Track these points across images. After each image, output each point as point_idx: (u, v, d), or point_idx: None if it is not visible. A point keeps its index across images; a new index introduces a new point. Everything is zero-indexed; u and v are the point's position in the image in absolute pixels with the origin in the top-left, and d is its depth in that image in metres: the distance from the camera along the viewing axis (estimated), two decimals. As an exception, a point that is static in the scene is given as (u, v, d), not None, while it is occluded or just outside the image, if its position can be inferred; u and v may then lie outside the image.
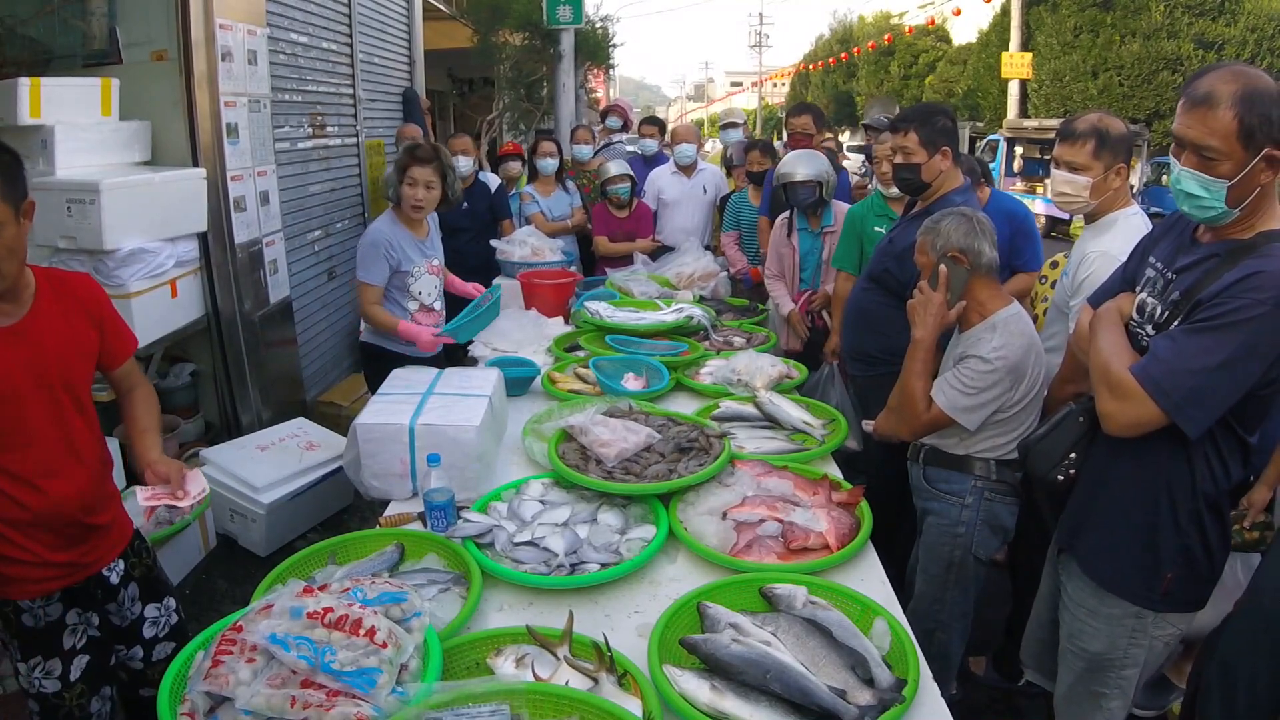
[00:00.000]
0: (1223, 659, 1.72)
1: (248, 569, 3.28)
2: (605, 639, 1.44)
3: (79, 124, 3.19)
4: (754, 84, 48.79)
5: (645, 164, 5.41)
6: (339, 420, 4.34)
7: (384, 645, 1.27)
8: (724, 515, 1.96)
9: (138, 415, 1.96)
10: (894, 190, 3.04)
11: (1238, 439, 1.62)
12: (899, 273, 2.64)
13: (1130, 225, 2.23)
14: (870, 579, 1.83)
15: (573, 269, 4.57)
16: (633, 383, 2.83)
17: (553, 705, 1.31)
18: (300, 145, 4.76)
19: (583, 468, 2.12)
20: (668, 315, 3.40)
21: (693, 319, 3.37)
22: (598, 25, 9.88)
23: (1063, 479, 1.83)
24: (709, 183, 5.05)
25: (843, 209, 3.65)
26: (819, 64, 30.77)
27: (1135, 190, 11.72)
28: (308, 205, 4.85)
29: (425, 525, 1.92)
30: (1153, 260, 1.73)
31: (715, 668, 1.43)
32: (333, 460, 3.50)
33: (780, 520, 1.93)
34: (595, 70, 11.90)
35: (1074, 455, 1.82)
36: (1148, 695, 2.48)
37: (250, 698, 1.20)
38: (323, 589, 1.38)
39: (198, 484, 1.85)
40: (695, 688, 1.37)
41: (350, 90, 5.48)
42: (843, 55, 27.63)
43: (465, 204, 3.63)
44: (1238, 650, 1.69)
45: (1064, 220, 12.52)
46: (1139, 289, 1.74)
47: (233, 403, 3.96)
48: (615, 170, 4.74)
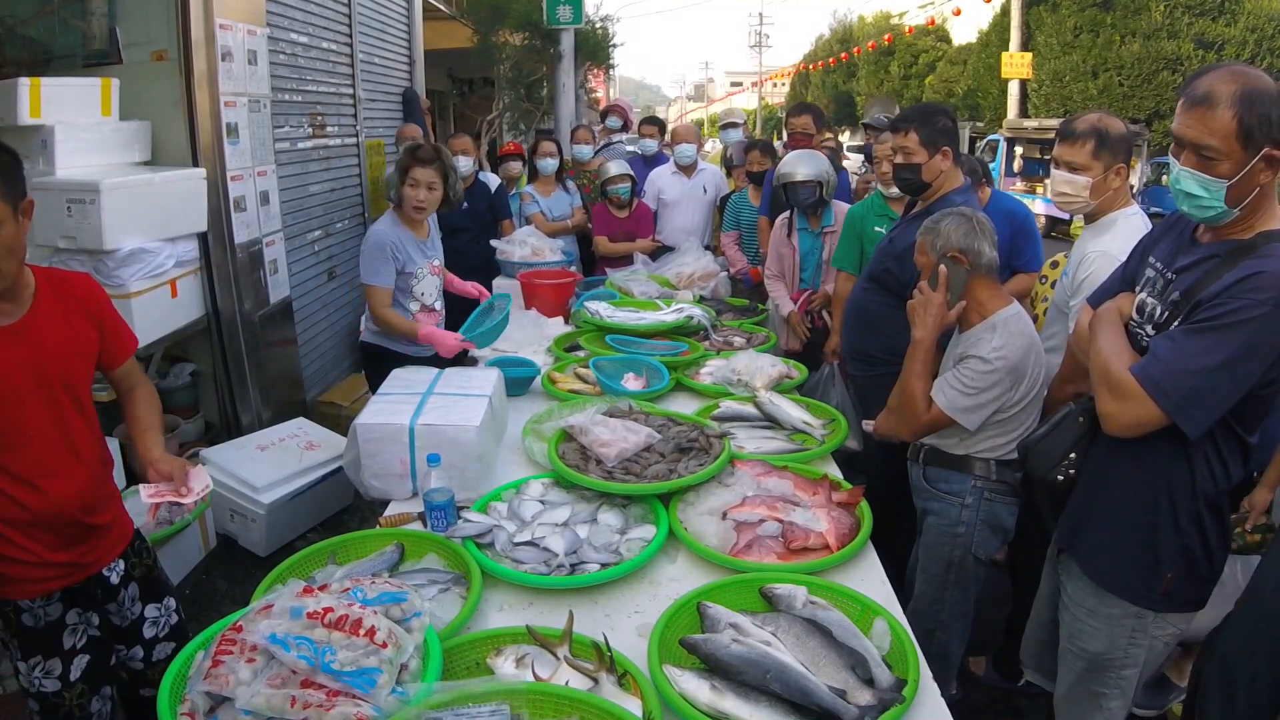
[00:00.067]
0: (1222, 658, 1.72)
1: (248, 569, 3.28)
2: (605, 639, 1.44)
3: (79, 124, 3.19)
4: (754, 84, 48.78)
5: (645, 164, 5.40)
6: (339, 420, 4.34)
7: (384, 645, 1.27)
8: (724, 515, 1.96)
9: (139, 414, 1.96)
10: (894, 190, 3.04)
11: (1238, 439, 1.62)
12: (899, 273, 2.64)
13: (1130, 225, 2.24)
14: (870, 579, 1.83)
15: (573, 269, 4.57)
16: (633, 383, 2.83)
17: (553, 705, 1.31)
18: (300, 145, 4.76)
19: (583, 468, 2.12)
20: (668, 315, 3.40)
21: (693, 319, 3.38)
22: (598, 25, 9.89)
23: (1063, 479, 1.83)
24: (709, 183, 5.05)
25: (843, 209, 3.65)
26: (819, 64, 30.76)
27: (1135, 190, 11.72)
28: (308, 205, 4.85)
29: (425, 525, 1.93)
30: (1152, 260, 1.73)
31: (715, 668, 1.43)
32: (333, 460, 3.50)
33: (780, 520, 1.93)
34: (595, 70, 11.91)
35: (1074, 455, 1.82)
36: (1148, 695, 2.48)
37: (250, 698, 1.20)
38: (323, 589, 1.38)
39: (201, 480, 1.85)
40: (695, 688, 1.37)
41: (350, 90, 5.48)
42: (843, 55, 27.63)
43: (465, 204, 3.62)
44: (1237, 649, 1.69)
45: (1064, 220, 12.51)
46: (1139, 289, 1.74)
47: (233, 403, 3.96)
48: (615, 170, 4.74)
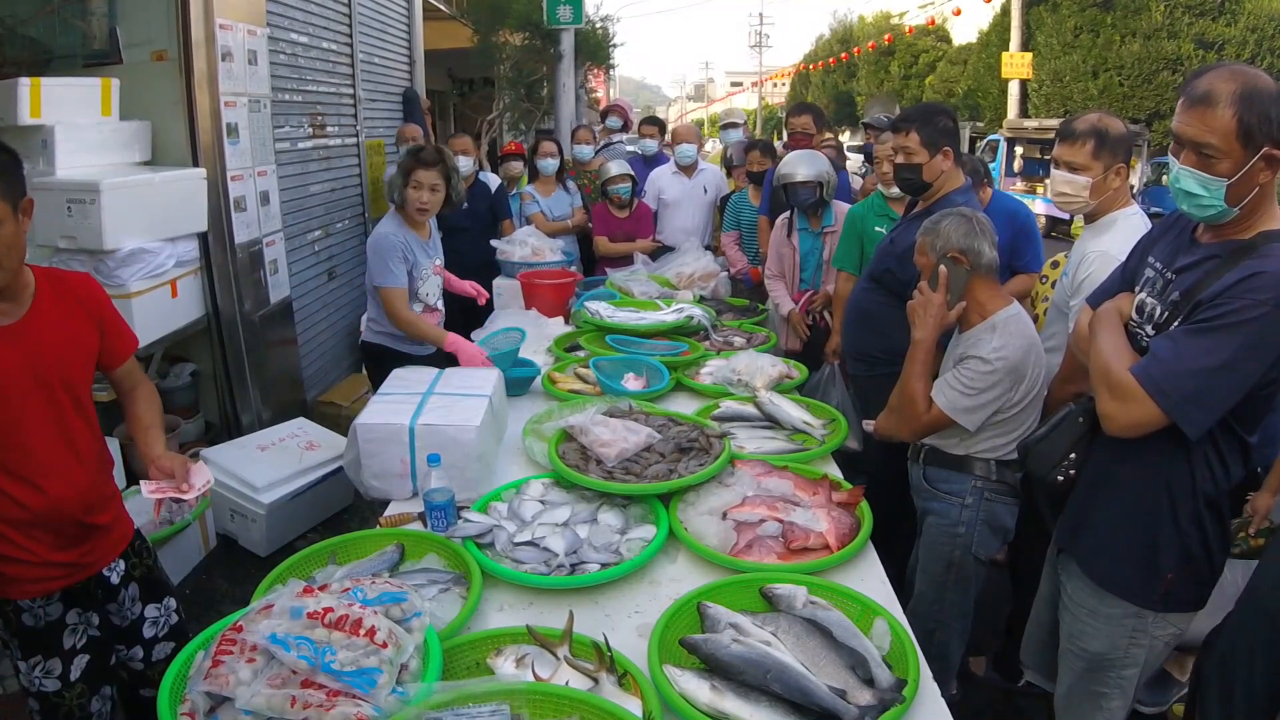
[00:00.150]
0: (1222, 657, 1.72)
1: (248, 569, 3.28)
2: (605, 639, 1.44)
3: (79, 124, 3.19)
4: (754, 84, 48.79)
5: (645, 164, 5.40)
6: (339, 420, 4.34)
7: (384, 645, 1.27)
8: (724, 515, 1.96)
9: (140, 413, 1.96)
10: (895, 190, 3.04)
11: (1238, 439, 1.62)
12: (900, 273, 2.64)
13: (1130, 225, 2.24)
14: (870, 579, 1.83)
15: (573, 269, 4.57)
16: (633, 383, 2.82)
17: (553, 705, 1.31)
18: (300, 145, 4.76)
19: (583, 468, 2.12)
20: (668, 315, 3.40)
21: (693, 319, 3.37)
22: (598, 25, 9.89)
23: (1063, 479, 1.83)
24: (709, 183, 5.05)
25: (843, 209, 3.65)
26: (819, 64, 30.76)
27: (1135, 190, 11.72)
28: (308, 205, 4.85)
29: (425, 525, 1.92)
30: (1152, 260, 1.73)
31: (715, 668, 1.42)
32: (333, 460, 3.50)
33: (780, 520, 1.93)
34: (595, 70, 11.91)
35: (1074, 456, 1.82)
36: (1150, 692, 2.49)
37: (250, 698, 1.20)
38: (323, 589, 1.38)
39: (202, 476, 1.85)
40: (695, 688, 1.37)
41: (350, 90, 5.48)
42: (843, 55, 27.62)
43: (465, 204, 3.63)
44: (1237, 648, 1.69)
45: (1064, 220, 12.51)
46: (1138, 289, 1.74)
47: (233, 403, 3.96)
48: (616, 170, 4.74)
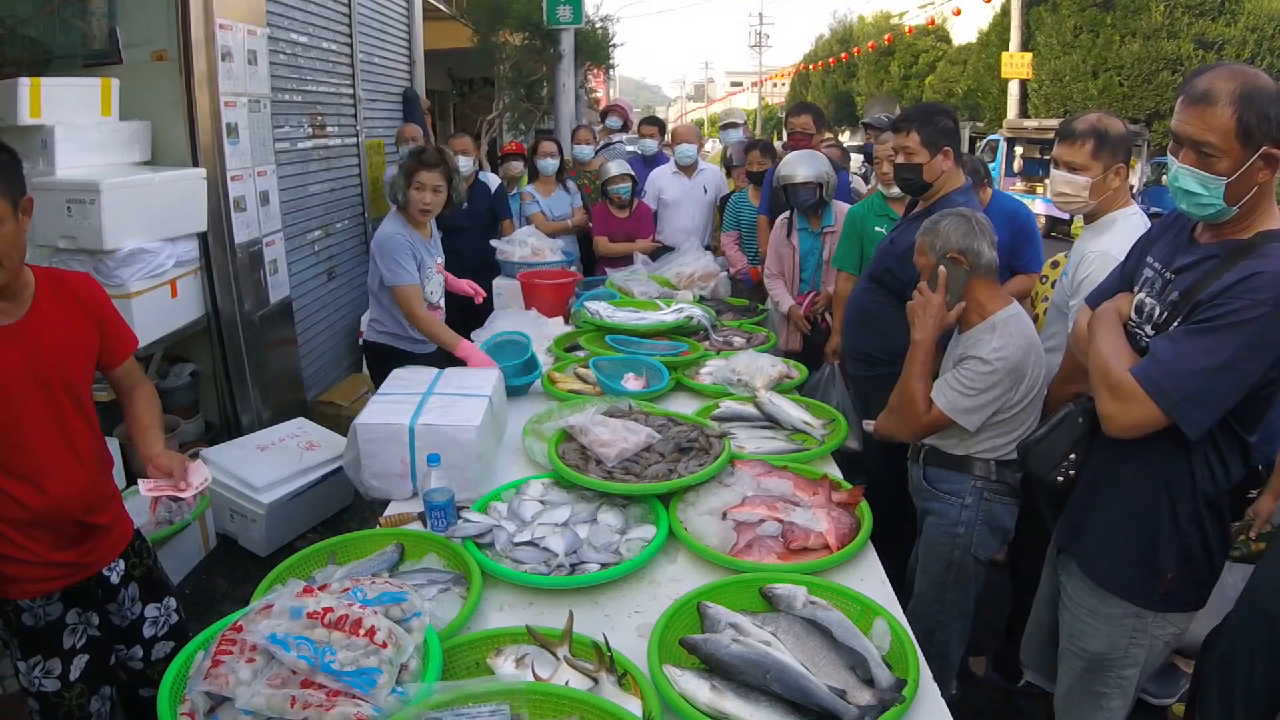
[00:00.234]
0: (1221, 657, 1.72)
1: (248, 569, 3.28)
2: (605, 639, 1.44)
3: (79, 124, 3.19)
4: (754, 84, 48.78)
5: (645, 164, 5.40)
6: (339, 420, 4.34)
7: (384, 645, 1.27)
8: (724, 515, 1.96)
9: (139, 413, 1.96)
10: (895, 190, 3.04)
11: (1237, 439, 1.62)
12: (900, 273, 2.63)
13: (1130, 225, 2.23)
14: (870, 579, 1.83)
15: (573, 269, 4.57)
16: (633, 383, 2.83)
17: (553, 705, 1.31)
18: (300, 145, 4.75)
19: (583, 468, 2.12)
20: (668, 315, 3.40)
21: (693, 319, 3.38)
22: (598, 25, 9.88)
23: (1062, 480, 1.83)
24: (709, 183, 5.05)
25: (843, 209, 3.65)
26: (819, 64, 30.75)
27: (1135, 190, 11.72)
28: (308, 205, 4.84)
29: (425, 525, 1.92)
30: (1150, 260, 1.73)
31: (715, 668, 1.42)
32: (333, 460, 3.50)
33: (780, 520, 1.93)
34: (595, 70, 11.91)
35: (1074, 456, 1.82)
36: (1158, 683, 2.49)
37: (250, 698, 1.20)
38: (323, 589, 1.38)
39: (199, 474, 1.85)
40: (695, 688, 1.37)
41: (350, 90, 5.47)
42: (843, 55, 27.62)
43: (465, 204, 3.64)
44: (1236, 649, 1.69)
45: (1064, 220, 12.51)
46: (1137, 289, 1.74)
47: (233, 403, 3.96)
48: (616, 170, 4.74)
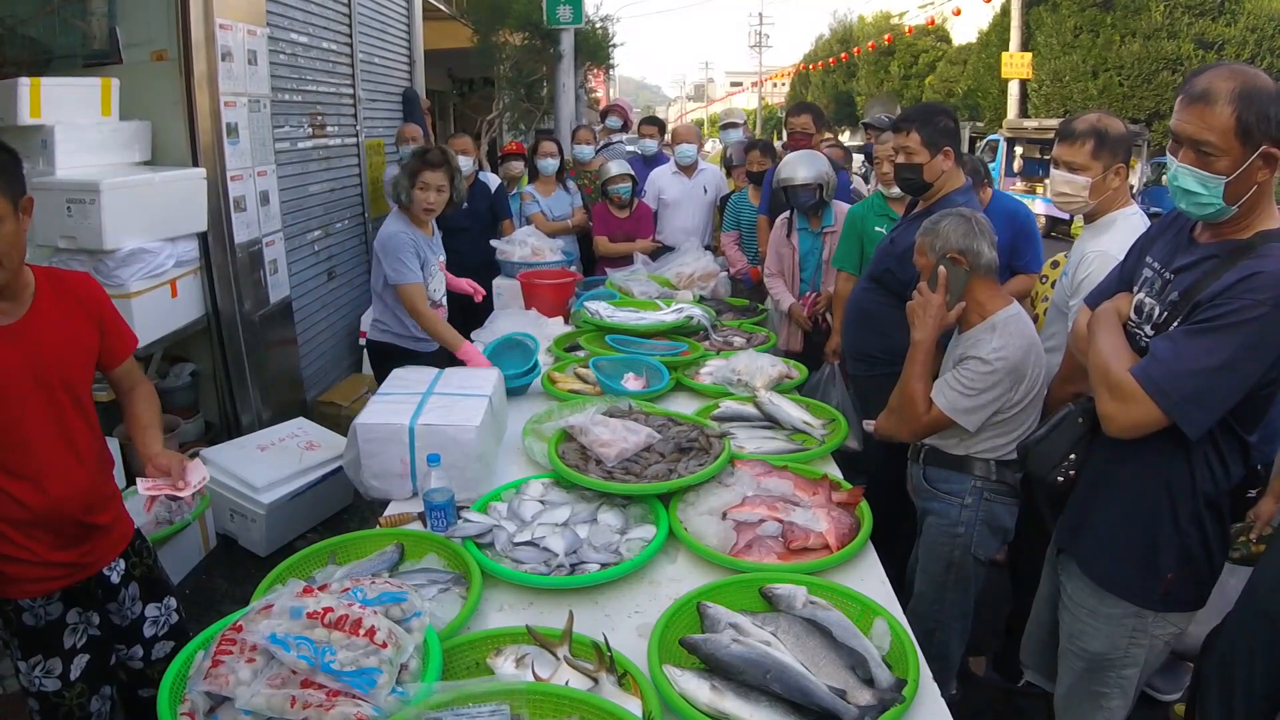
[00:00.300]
0: (1221, 657, 1.72)
1: (248, 569, 3.28)
2: (605, 639, 1.44)
3: (79, 124, 3.19)
4: (754, 84, 48.77)
5: (645, 164, 5.40)
6: (339, 420, 4.34)
7: (384, 645, 1.27)
8: (724, 515, 1.96)
9: (139, 412, 1.96)
10: (895, 190, 3.04)
11: (1237, 439, 1.62)
12: (900, 273, 2.63)
13: (1129, 225, 2.23)
14: (870, 579, 1.83)
15: (573, 269, 4.57)
16: (633, 383, 2.83)
17: (553, 705, 1.31)
18: (300, 145, 4.75)
19: (583, 468, 2.12)
20: (668, 315, 3.40)
21: (693, 319, 3.38)
22: (598, 25, 9.88)
23: (1062, 480, 1.83)
24: (709, 183, 5.05)
25: (843, 209, 3.65)
26: (819, 64, 30.75)
27: (1135, 190, 11.72)
28: (308, 205, 4.84)
29: (425, 525, 1.93)
30: (1150, 260, 1.73)
31: (715, 668, 1.43)
32: (333, 460, 3.50)
33: (780, 520, 1.93)
34: (595, 70, 11.90)
35: (1074, 456, 1.81)
36: (1165, 679, 2.49)
37: (250, 698, 1.20)
38: (323, 589, 1.38)
39: (198, 473, 1.85)
40: (695, 688, 1.37)
41: (350, 90, 5.48)
42: (843, 55, 27.62)
43: (465, 204, 3.64)
44: (1236, 649, 1.69)
45: (1064, 220, 12.52)
46: (1136, 289, 1.74)
47: (233, 403, 3.96)
48: (616, 170, 4.74)
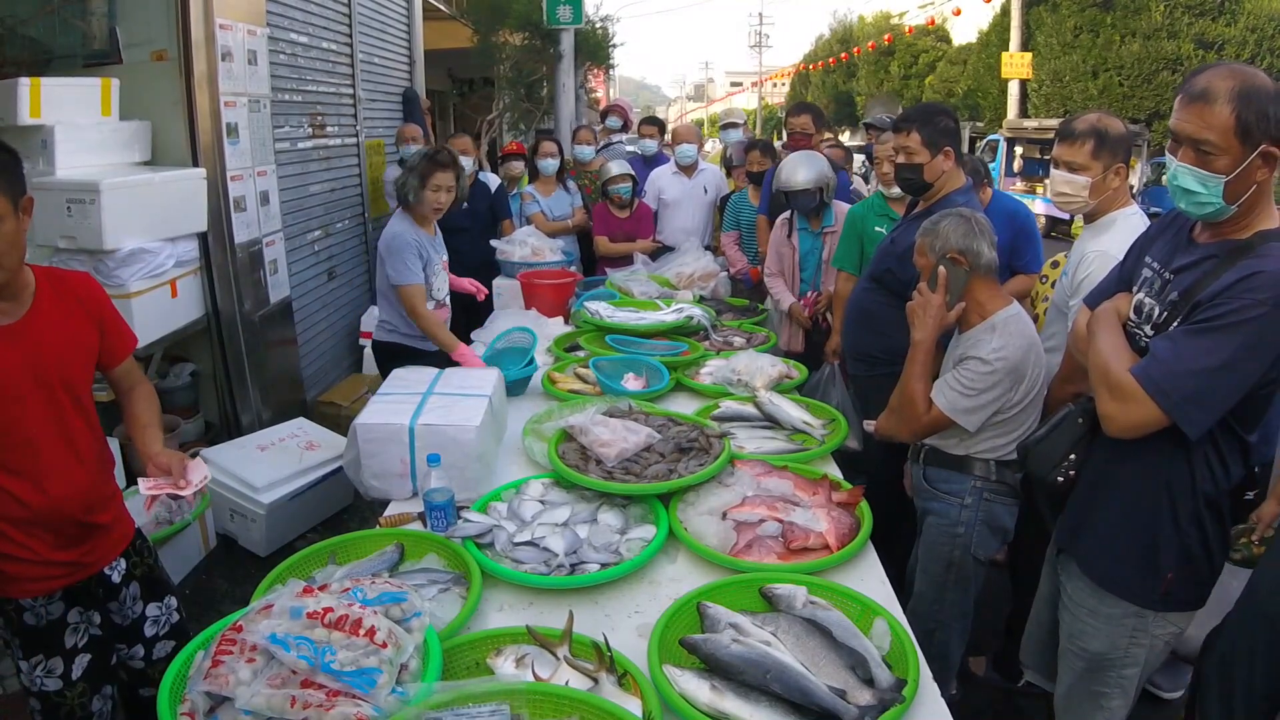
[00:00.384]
0: (1221, 658, 1.72)
1: (248, 569, 3.28)
2: (605, 639, 1.44)
3: (79, 124, 3.19)
4: (754, 84, 48.76)
5: (645, 164, 5.40)
6: (339, 420, 4.34)
7: (384, 645, 1.27)
8: (724, 515, 1.96)
9: (139, 412, 1.96)
10: (895, 190, 3.04)
11: (1237, 439, 1.62)
12: (901, 273, 2.63)
13: (1129, 225, 2.23)
14: (870, 579, 1.83)
15: (573, 269, 4.57)
16: (633, 383, 2.83)
17: (553, 705, 1.31)
18: (300, 145, 4.75)
19: (583, 468, 2.12)
20: (668, 315, 3.40)
21: (693, 319, 3.38)
22: (598, 25, 9.87)
23: (1062, 480, 1.83)
24: (709, 183, 5.05)
25: (843, 209, 3.65)
26: (819, 64, 30.75)
27: (1135, 190, 11.72)
28: (308, 205, 4.85)
29: (425, 525, 1.93)
30: (1149, 260, 1.73)
31: (715, 668, 1.43)
32: (333, 460, 3.50)
33: (780, 520, 1.93)
34: (595, 70, 11.90)
35: (1074, 456, 1.81)
36: (1167, 677, 2.49)
37: (250, 698, 1.20)
38: (323, 589, 1.38)
39: (199, 472, 1.85)
40: (695, 688, 1.37)
41: (350, 90, 5.48)
42: (843, 55, 27.62)
43: (465, 204, 3.65)
44: (1236, 649, 1.69)
45: (1064, 220, 12.52)
46: (1136, 289, 1.74)
47: (233, 403, 3.96)
48: (617, 170, 4.74)
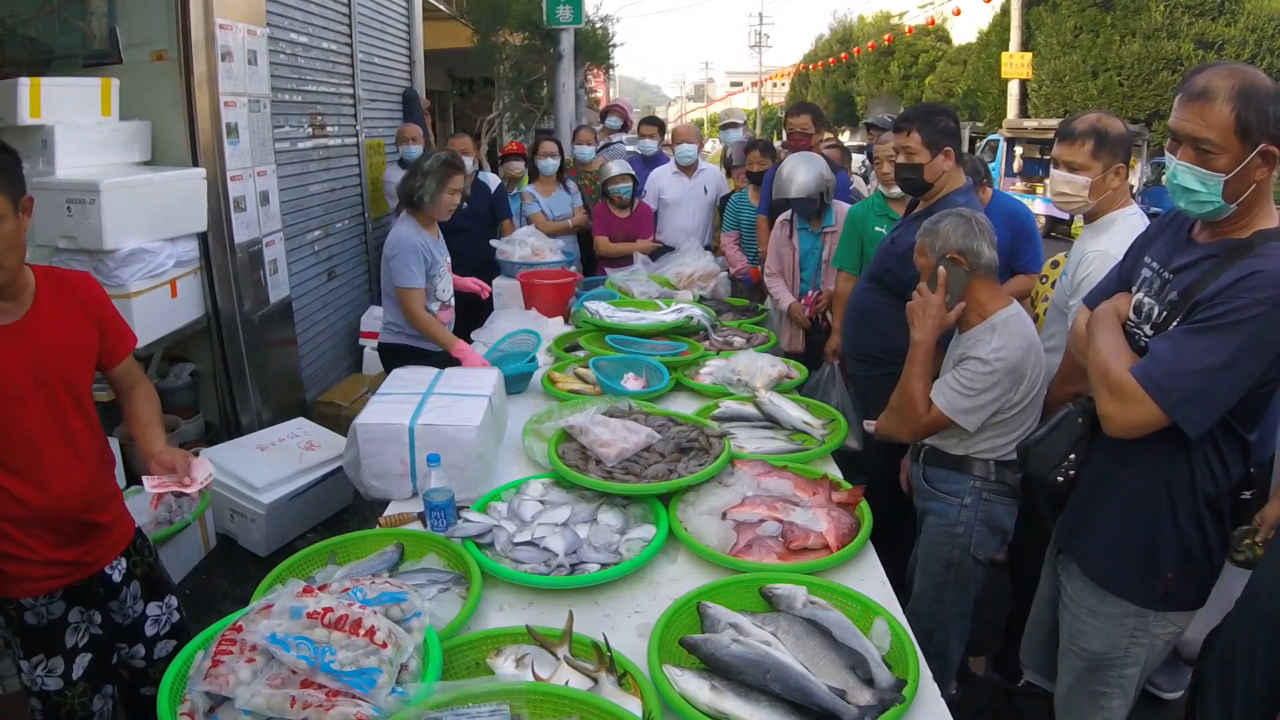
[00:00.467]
0: (1221, 658, 1.72)
1: (248, 569, 3.28)
2: (605, 639, 1.44)
3: (79, 124, 3.19)
4: (754, 84, 48.76)
5: (645, 164, 5.40)
6: (339, 420, 4.34)
7: (384, 645, 1.27)
8: (724, 515, 1.96)
9: (139, 411, 1.96)
10: (895, 190, 3.04)
11: (1237, 438, 1.62)
12: (901, 273, 2.63)
13: (1129, 225, 2.23)
14: (870, 579, 1.83)
15: (573, 269, 4.57)
16: (633, 383, 2.83)
17: (553, 705, 1.31)
18: (300, 145, 4.76)
19: (583, 468, 2.12)
20: (668, 315, 3.40)
21: (693, 319, 3.38)
22: (598, 25, 9.87)
23: (1062, 480, 1.83)
24: (709, 183, 5.05)
25: (843, 209, 3.65)
26: (819, 64, 30.77)
27: (1135, 190, 11.72)
28: (308, 205, 4.85)
29: (425, 525, 1.93)
30: (1148, 260, 1.73)
31: (715, 668, 1.43)
32: (333, 460, 3.50)
33: (780, 520, 1.93)
34: (595, 70, 11.90)
35: (1074, 456, 1.81)
36: (1167, 676, 2.48)
37: (250, 698, 1.20)
38: (323, 589, 1.38)
39: (203, 470, 1.85)
40: (695, 688, 1.37)
41: (350, 90, 5.48)
42: (843, 55, 27.63)
43: (465, 204, 3.65)
44: (1236, 649, 1.69)
45: (1064, 220, 12.52)
46: (1135, 289, 1.74)
47: (233, 403, 3.96)
48: (617, 170, 4.74)
